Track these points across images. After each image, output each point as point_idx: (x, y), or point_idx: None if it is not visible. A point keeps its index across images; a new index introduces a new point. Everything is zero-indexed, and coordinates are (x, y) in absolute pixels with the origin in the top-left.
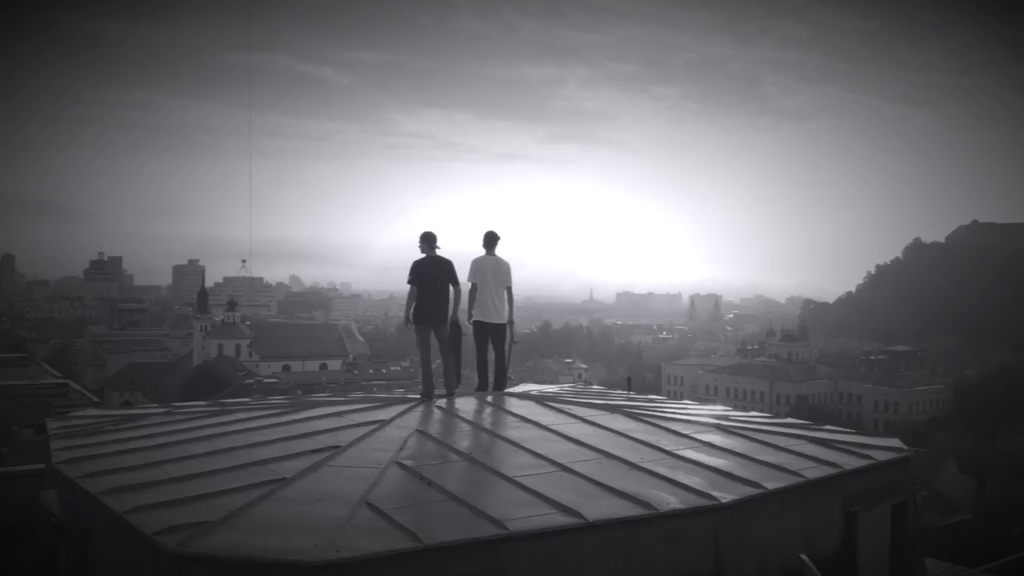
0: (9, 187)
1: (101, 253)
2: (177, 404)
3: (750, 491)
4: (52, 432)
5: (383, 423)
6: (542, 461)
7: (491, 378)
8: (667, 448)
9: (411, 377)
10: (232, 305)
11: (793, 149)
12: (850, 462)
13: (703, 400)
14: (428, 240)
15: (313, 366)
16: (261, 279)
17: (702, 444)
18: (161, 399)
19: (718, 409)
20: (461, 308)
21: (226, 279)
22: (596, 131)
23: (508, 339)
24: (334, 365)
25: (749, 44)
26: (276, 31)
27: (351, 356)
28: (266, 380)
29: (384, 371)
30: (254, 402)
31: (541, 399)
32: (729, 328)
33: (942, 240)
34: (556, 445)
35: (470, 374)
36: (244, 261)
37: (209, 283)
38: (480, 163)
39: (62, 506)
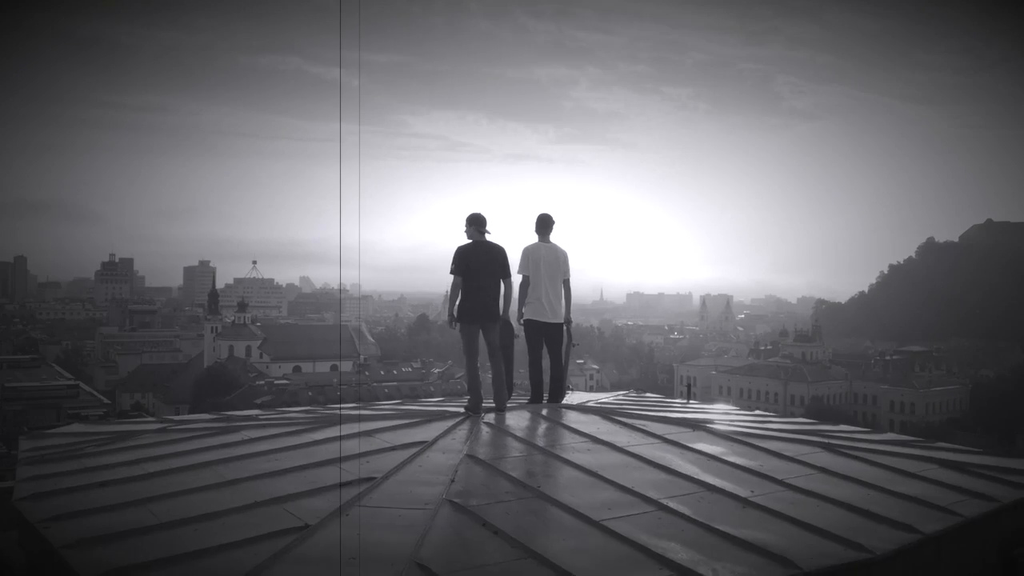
0: (23, 189)
1: (112, 255)
2: (176, 419)
3: (904, 536)
4: (23, 455)
5: (424, 446)
6: (630, 496)
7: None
8: (776, 476)
9: (422, 379)
10: (243, 306)
11: (804, 149)
12: (1005, 493)
13: (734, 402)
14: (476, 223)
15: (324, 367)
16: (272, 280)
17: (814, 469)
18: (171, 401)
19: (803, 422)
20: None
21: (237, 280)
22: (607, 131)
23: (565, 341)
24: (345, 366)
25: (760, 44)
26: (287, 33)
27: (362, 357)
28: (277, 382)
29: (395, 372)
30: (266, 416)
31: (606, 413)
32: (740, 328)
33: (956, 239)
34: (641, 474)
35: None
36: (255, 262)
37: (220, 284)
38: (490, 164)
39: (24, 556)
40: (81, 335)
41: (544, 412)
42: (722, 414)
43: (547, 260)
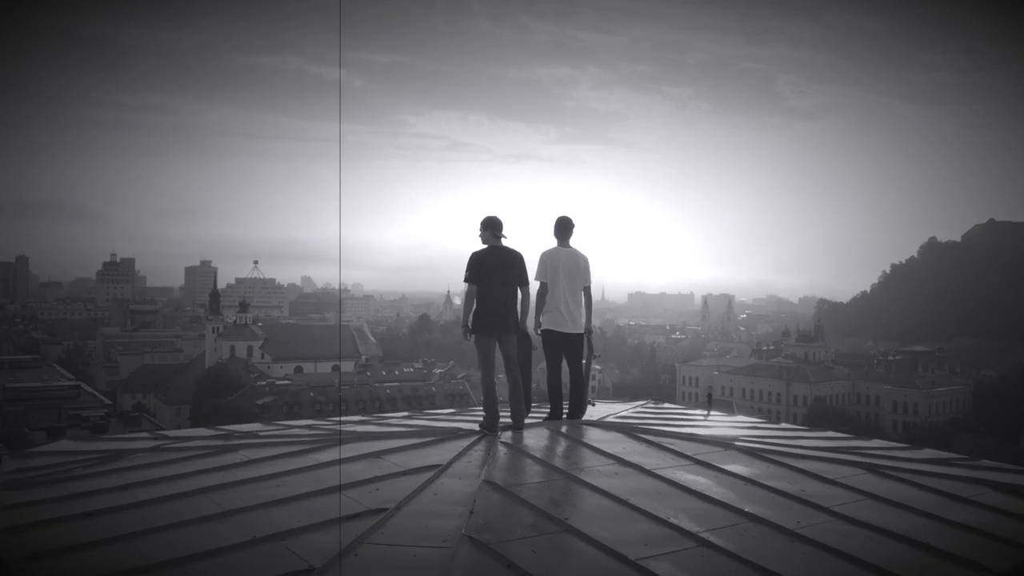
0: (24, 189)
1: (114, 255)
2: (171, 435)
3: None
4: (4, 478)
5: (438, 470)
6: (667, 529)
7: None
8: (820, 502)
9: (424, 379)
10: (244, 306)
11: (805, 149)
12: None
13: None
14: (492, 227)
15: (325, 368)
16: (273, 280)
17: (860, 495)
18: (173, 401)
19: (835, 437)
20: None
21: (238, 280)
22: (608, 131)
23: (586, 353)
24: (346, 367)
25: (761, 44)
26: (289, 33)
27: (363, 358)
28: (278, 382)
29: (397, 372)
30: (267, 432)
31: (630, 430)
32: (742, 328)
33: (958, 239)
34: (675, 501)
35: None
36: (256, 262)
37: (221, 284)
38: (492, 163)
39: None
40: (82, 335)
41: (564, 429)
42: (749, 428)
43: (566, 266)
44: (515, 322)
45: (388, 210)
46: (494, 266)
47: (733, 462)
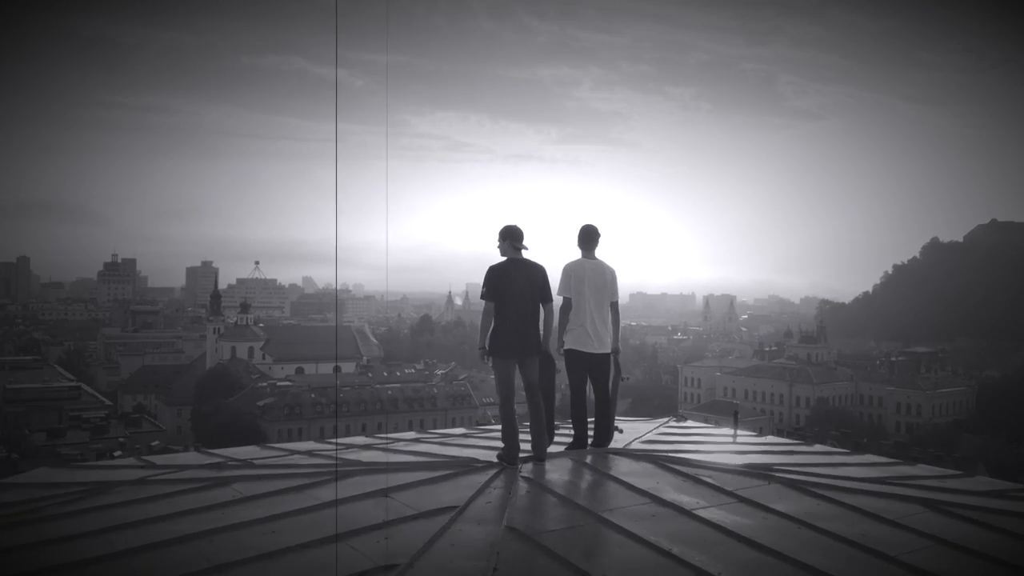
0: (26, 190)
1: (115, 255)
2: (159, 464)
3: None
4: None
5: (455, 513)
6: None
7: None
8: (887, 550)
9: (425, 380)
10: (245, 307)
11: (807, 149)
12: None
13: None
14: (511, 237)
15: (326, 369)
16: (274, 281)
17: (928, 539)
18: (174, 402)
19: (878, 462)
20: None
21: (239, 281)
22: (609, 131)
23: (613, 375)
24: (348, 367)
25: (763, 44)
26: (290, 33)
27: (365, 359)
28: (279, 383)
29: (398, 373)
30: (263, 461)
31: (662, 460)
32: (744, 329)
33: (960, 239)
34: (725, 551)
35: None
36: (257, 263)
37: (222, 285)
38: (493, 164)
39: None
40: (83, 336)
41: (590, 460)
42: (784, 453)
43: (592, 280)
44: (537, 343)
45: (389, 210)
46: (514, 281)
47: (779, 498)
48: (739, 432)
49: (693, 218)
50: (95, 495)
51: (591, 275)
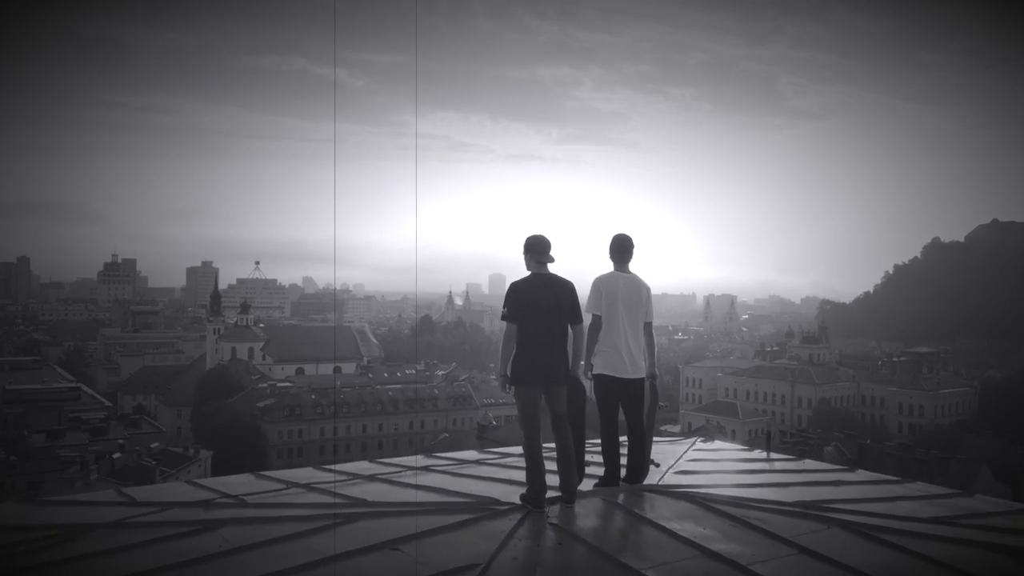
0: (26, 190)
1: (115, 255)
2: (141, 499)
3: None
4: None
5: (476, 572)
6: None
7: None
8: None
9: (426, 381)
10: (245, 307)
11: (807, 149)
12: None
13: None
14: (534, 250)
15: (327, 369)
16: (275, 281)
17: None
18: (173, 403)
19: (935, 493)
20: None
21: (240, 281)
22: (610, 132)
23: (648, 402)
24: (348, 368)
25: (763, 44)
26: (291, 33)
27: (365, 359)
28: (279, 384)
29: (399, 374)
30: (255, 501)
31: (702, 499)
32: (745, 329)
33: (961, 239)
34: None
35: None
36: (257, 263)
37: (223, 285)
38: (494, 164)
39: None
40: (83, 336)
41: (623, 500)
42: (832, 484)
43: (626, 296)
44: (565, 369)
45: (389, 210)
46: (539, 300)
47: (844, 547)
48: (770, 455)
49: (693, 218)
50: (63, 542)
51: (625, 291)
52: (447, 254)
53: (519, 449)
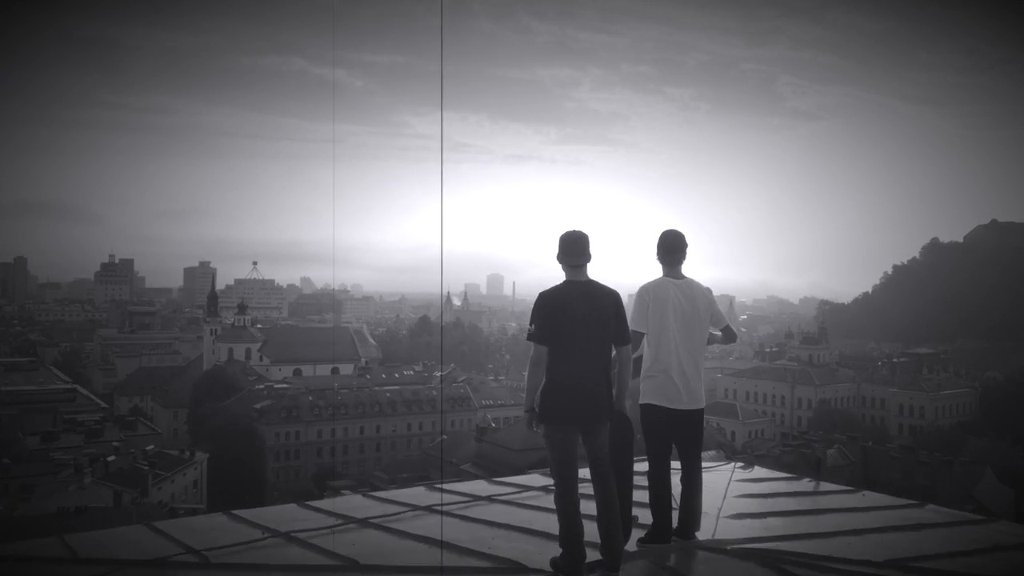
0: (24, 190)
1: (112, 255)
2: (84, 555)
3: None
4: None
5: None
6: None
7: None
8: None
9: (424, 382)
10: (242, 308)
11: (806, 149)
12: None
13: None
14: (575, 250)
15: (324, 370)
16: (272, 281)
17: None
18: (170, 404)
19: (1019, 531)
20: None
21: (237, 281)
22: (609, 132)
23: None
24: (346, 369)
25: (762, 45)
26: (290, 34)
27: (363, 360)
28: (276, 386)
29: (397, 375)
30: (221, 558)
31: (773, 560)
32: (743, 329)
33: (960, 240)
34: None
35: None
36: (255, 263)
37: (220, 285)
38: (493, 164)
39: None
40: (80, 337)
41: (677, 563)
42: (913, 527)
43: (679, 307)
44: (608, 403)
45: (388, 211)
46: (575, 315)
47: None
48: (820, 484)
49: (692, 218)
50: None
51: (678, 301)
52: (446, 254)
53: (539, 480)
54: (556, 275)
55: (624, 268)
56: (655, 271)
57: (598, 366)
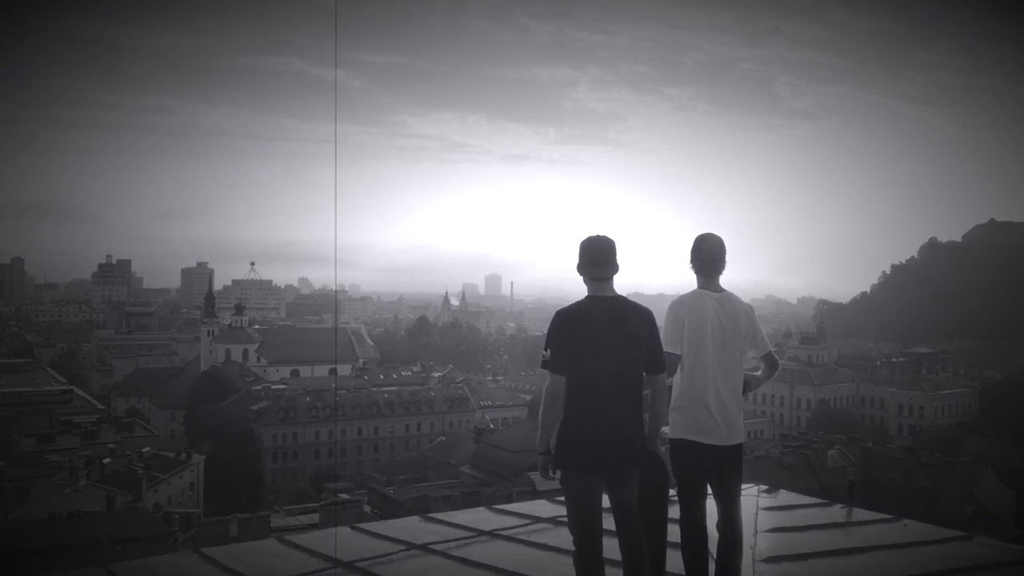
0: (21, 190)
1: (110, 256)
2: None
3: None
4: None
5: None
6: None
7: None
8: None
9: (422, 383)
10: (240, 309)
11: (804, 149)
12: None
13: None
14: (599, 259)
15: (322, 371)
16: (270, 281)
17: None
18: (167, 406)
19: None
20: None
21: (235, 282)
22: (607, 132)
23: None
24: (344, 370)
25: (760, 44)
26: (288, 34)
27: (361, 361)
28: (274, 387)
29: (395, 376)
30: None
31: None
32: None
33: (959, 239)
34: None
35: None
36: (253, 264)
37: (217, 286)
38: (491, 164)
39: None
40: (77, 338)
41: None
42: (969, 569)
43: (718, 326)
44: (640, 445)
45: (386, 211)
46: (601, 339)
47: None
48: (852, 510)
49: (690, 218)
50: None
51: (716, 318)
52: (443, 254)
53: (549, 509)
54: (556, 275)
55: (624, 268)
56: (655, 271)
57: (627, 400)
